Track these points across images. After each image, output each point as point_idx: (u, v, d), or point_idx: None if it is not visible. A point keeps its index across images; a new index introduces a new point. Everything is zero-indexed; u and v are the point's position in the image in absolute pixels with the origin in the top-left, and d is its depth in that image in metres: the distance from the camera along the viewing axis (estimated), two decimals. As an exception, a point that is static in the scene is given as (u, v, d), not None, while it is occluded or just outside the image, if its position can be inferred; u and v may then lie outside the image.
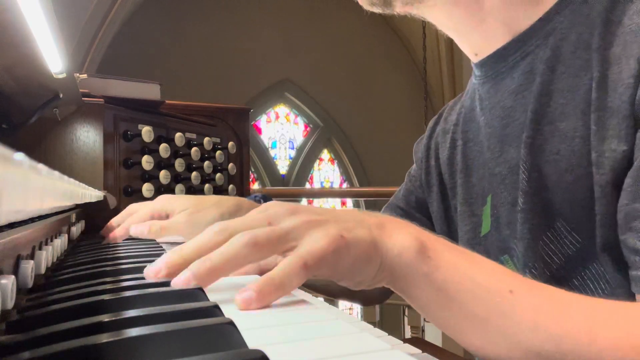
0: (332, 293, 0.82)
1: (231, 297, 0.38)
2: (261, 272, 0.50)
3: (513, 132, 0.60)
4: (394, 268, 0.40)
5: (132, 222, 0.74)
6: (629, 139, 0.47)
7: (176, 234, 0.72)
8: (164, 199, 0.77)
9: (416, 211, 0.79)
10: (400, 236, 0.41)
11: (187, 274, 0.38)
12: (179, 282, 0.37)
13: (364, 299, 0.85)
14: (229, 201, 0.77)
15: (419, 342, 2.77)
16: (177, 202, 0.75)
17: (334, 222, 0.40)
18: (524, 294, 0.39)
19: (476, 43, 0.64)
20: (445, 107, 0.80)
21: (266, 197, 0.83)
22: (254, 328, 0.32)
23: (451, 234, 0.72)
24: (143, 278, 0.41)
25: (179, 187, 1.37)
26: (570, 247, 0.53)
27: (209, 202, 0.75)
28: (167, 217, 0.75)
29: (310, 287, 0.80)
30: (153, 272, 0.40)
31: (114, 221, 0.78)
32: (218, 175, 1.57)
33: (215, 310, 0.31)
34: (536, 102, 0.56)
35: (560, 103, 0.54)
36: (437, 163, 0.76)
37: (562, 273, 0.54)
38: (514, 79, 0.60)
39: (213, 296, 0.37)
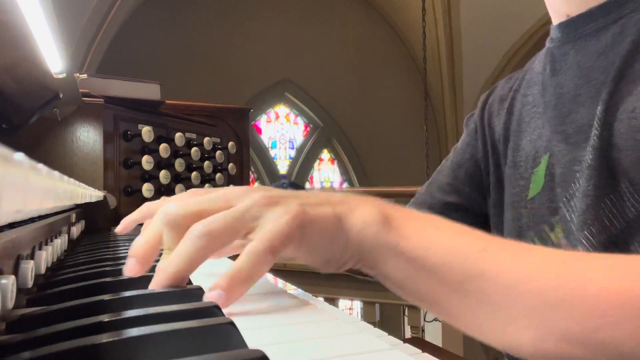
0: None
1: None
2: None
3: (588, 92, 0.59)
4: (361, 243, 0.39)
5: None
6: None
7: None
8: (186, 195, 0.71)
9: (466, 185, 0.77)
10: (364, 210, 0.40)
11: (152, 287, 0.37)
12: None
13: None
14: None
15: (419, 342, 2.77)
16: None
17: (294, 198, 0.39)
18: (497, 251, 0.37)
19: (574, 3, 0.64)
20: (498, 83, 0.80)
21: (293, 184, 0.78)
22: (254, 328, 0.32)
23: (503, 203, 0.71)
24: (143, 277, 0.41)
25: (179, 187, 1.38)
26: (631, 210, 0.52)
27: None
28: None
29: None
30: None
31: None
32: (218, 175, 1.57)
33: (215, 310, 0.31)
34: (622, 60, 0.56)
35: None
36: (491, 132, 0.76)
37: (620, 238, 0.53)
38: (600, 40, 0.60)
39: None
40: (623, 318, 0.33)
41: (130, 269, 0.40)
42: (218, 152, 1.59)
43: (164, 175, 1.31)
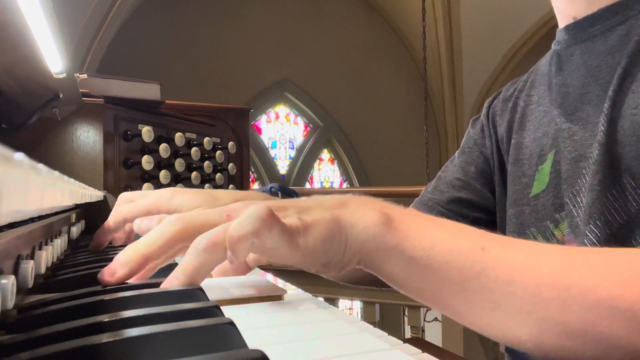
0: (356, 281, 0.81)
1: (231, 296, 0.38)
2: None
3: (594, 91, 0.60)
4: (362, 243, 0.39)
5: (124, 212, 0.62)
6: None
7: None
8: (167, 193, 0.64)
9: (476, 181, 0.78)
10: (364, 211, 0.40)
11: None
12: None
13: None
14: (247, 196, 0.69)
15: (419, 342, 2.77)
16: (184, 198, 0.63)
17: (292, 207, 0.40)
18: (496, 249, 0.38)
19: (580, 5, 0.65)
20: (503, 88, 0.82)
21: (283, 188, 0.77)
22: (254, 328, 0.32)
23: None
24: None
25: (178, 187, 1.38)
26: (633, 204, 0.53)
27: (225, 198, 0.64)
28: (168, 214, 0.68)
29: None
30: (108, 273, 0.38)
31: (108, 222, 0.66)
32: (218, 175, 1.57)
33: (215, 310, 0.31)
34: (628, 59, 0.57)
35: None
36: (495, 132, 0.77)
37: (623, 232, 0.54)
38: (607, 40, 0.61)
39: (212, 295, 0.37)
40: (617, 312, 0.34)
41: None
42: (218, 152, 1.59)
43: (164, 175, 1.31)
